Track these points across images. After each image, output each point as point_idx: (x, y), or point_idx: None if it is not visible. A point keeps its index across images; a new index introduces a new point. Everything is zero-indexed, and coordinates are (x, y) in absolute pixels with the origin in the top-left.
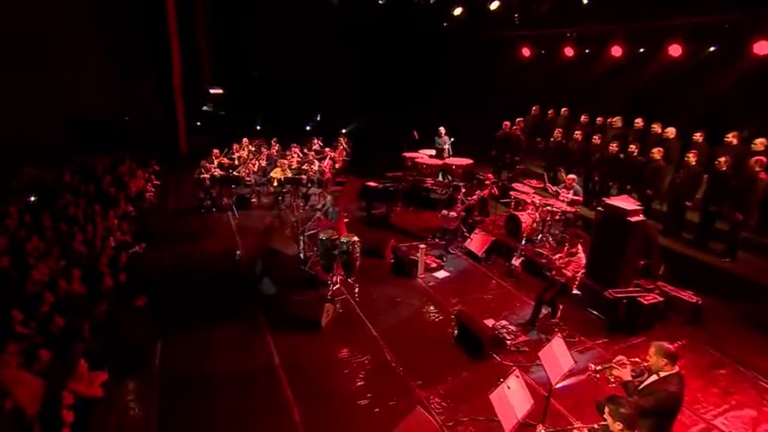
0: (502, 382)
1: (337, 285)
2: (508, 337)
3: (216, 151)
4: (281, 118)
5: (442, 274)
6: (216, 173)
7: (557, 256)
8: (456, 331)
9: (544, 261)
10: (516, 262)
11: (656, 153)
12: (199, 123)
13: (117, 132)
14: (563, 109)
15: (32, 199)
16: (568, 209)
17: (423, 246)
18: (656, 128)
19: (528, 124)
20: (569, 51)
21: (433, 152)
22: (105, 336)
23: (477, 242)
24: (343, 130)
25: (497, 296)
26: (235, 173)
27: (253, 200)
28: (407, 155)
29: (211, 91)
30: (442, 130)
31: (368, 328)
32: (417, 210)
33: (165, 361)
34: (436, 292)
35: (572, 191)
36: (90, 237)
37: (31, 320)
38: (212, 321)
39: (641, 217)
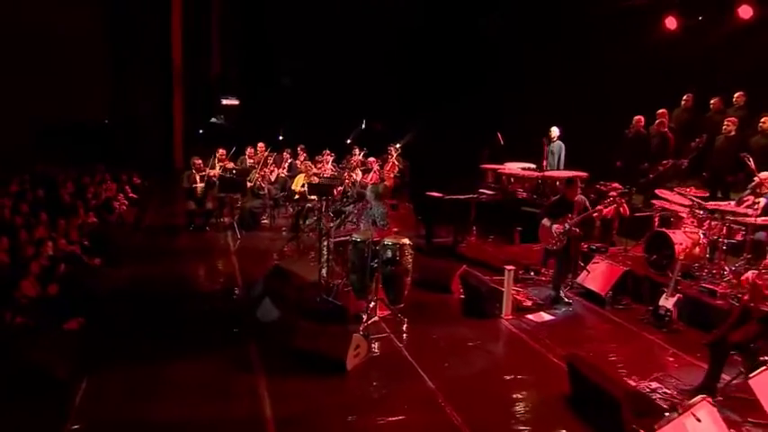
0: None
1: (375, 318)
2: (666, 406)
3: (222, 151)
4: (315, 128)
5: (541, 316)
6: (212, 173)
7: (750, 272)
8: (571, 388)
9: (720, 302)
10: (668, 303)
11: None
12: (201, 131)
13: (99, 140)
14: (737, 94)
15: None
16: (759, 221)
17: (510, 267)
18: None
19: (676, 119)
20: (745, 11)
21: (532, 165)
22: (9, 363)
23: (599, 275)
24: (397, 145)
25: (637, 351)
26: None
27: (264, 220)
28: (488, 166)
29: (225, 102)
30: (555, 131)
31: (421, 377)
32: (502, 240)
33: (90, 401)
34: (533, 338)
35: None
36: (22, 244)
37: None
38: (177, 354)
39: None
